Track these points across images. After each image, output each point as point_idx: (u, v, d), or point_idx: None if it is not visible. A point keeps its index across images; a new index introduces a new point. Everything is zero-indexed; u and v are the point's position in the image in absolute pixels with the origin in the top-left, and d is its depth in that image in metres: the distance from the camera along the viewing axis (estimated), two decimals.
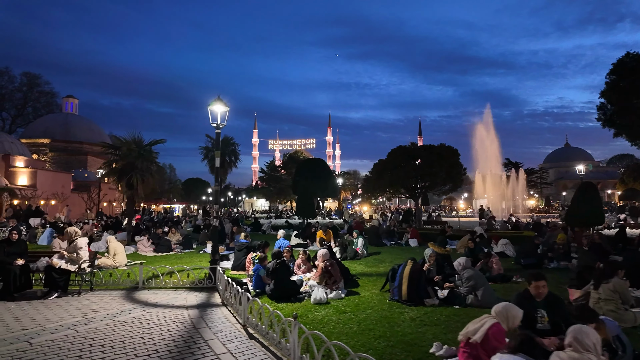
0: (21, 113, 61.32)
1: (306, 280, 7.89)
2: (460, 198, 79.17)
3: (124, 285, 8.18)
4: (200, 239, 15.75)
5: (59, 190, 35.62)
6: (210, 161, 28.80)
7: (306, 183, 20.81)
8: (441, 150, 23.92)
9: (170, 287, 8.18)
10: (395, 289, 6.86)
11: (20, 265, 7.40)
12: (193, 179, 71.21)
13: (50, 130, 51.62)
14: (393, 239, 15.59)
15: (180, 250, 13.53)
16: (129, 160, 14.61)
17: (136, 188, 14.41)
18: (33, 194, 33.02)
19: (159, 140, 15.38)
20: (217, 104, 8.98)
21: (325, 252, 7.78)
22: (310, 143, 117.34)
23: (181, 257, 12.46)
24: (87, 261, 7.86)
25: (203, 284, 8.21)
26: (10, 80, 58.67)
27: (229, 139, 30.50)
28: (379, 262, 11.10)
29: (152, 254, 12.97)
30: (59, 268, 7.42)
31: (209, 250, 13.29)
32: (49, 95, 63.53)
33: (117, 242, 10.73)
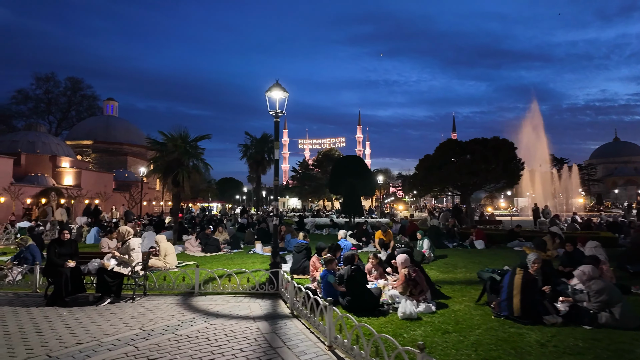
0: (66, 116, 64.03)
1: (383, 289, 6.82)
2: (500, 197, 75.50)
3: (179, 290, 7.42)
4: (246, 238, 15.02)
5: (102, 189, 36.45)
6: (250, 159, 28.28)
7: (352, 180, 19.72)
8: (496, 143, 22.11)
9: (229, 292, 7.34)
10: (503, 303, 5.64)
11: (71, 267, 6.78)
12: (227, 179, 71.99)
13: (93, 132, 53.42)
14: (454, 240, 14.21)
15: (229, 250, 12.82)
16: (174, 156, 14.11)
17: (182, 185, 13.87)
18: (78, 193, 33.89)
19: (204, 136, 14.80)
20: (276, 89, 8.07)
21: (406, 257, 6.67)
22: (340, 142, 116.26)
23: (231, 257, 11.71)
24: (140, 263, 7.15)
25: (264, 289, 7.32)
26: (55, 85, 61.38)
27: (267, 136, 29.80)
28: (452, 267, 9.83)
29: (201, 254, 12.32)
30: (111, 271, 6.74)
31: (258, 251, 12.54)
32: (91, 98, 66.03)
33: (167, 242, 10.08)
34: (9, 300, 6.80)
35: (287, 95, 8.18)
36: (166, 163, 14.33)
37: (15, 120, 57.40)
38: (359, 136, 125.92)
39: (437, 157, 23.47)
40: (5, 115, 57.41)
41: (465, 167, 22.01)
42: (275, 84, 8.09)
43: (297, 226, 18.91)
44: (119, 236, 7.15)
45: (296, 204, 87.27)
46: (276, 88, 8.06)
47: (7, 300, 6.80)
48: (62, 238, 7.10)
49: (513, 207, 68.75)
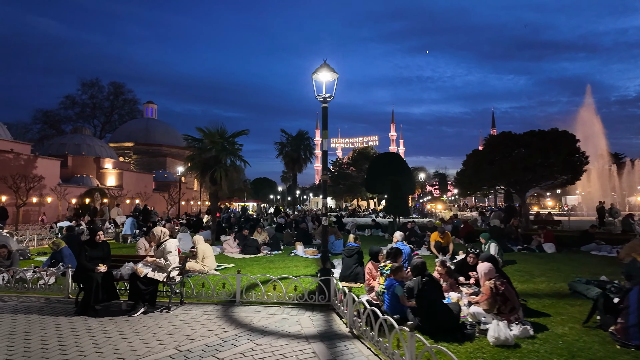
0: (109, 120, 66.75)
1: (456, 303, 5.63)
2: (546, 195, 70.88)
3: (219, 298, 6.60)
4: (285, 239, 14.17)
5: (142, 190, 37.21)
6: (286, 157, 27.62)
7: (397, 177, 18.46)
8: (556, 135, 19.98)
9: (274, 302, 6.43)
10: (632, 329, 4.31)
11: (102, 272, 6.11)
12: (261, 179, 72.44)
13: (134, 135, 55.16)
14: (518, 242, 12.62)
15: (269, 252, 11.99)
16: (212, 153, 13.55)
17: (220, 183, 13.25)
18: (120, 193, 34.71)
19: (242, 131, 14.11)
20: (323, 71, 7.06)
21: (490, 267, 5.44)
22: (372, 140, 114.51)
23: (272, 260, 10.85)
24: (176, 268, 6.38)
25: (314, 300, 6.34)
26: (99, 90, 64.13)
27: (303, 133, 29.04)
28: (528, 276, 8.42)
29: (240, 255, 11.58)
30: (144, 277, 6.00)
31: (300, 253, 11.64)
32: (132, 102, 68.47)
33: (205, 243, 9.36)
34: (39, 307, 6.24)
35: (336, 76, 7.16)
36: (203, 160, 13.76)
37: (63, 125, 60.48)
38: (393, 134, 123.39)
39: (488, 152, 21.62)
40: (55, 120, 60.59)
41: (520, 161, 20.04)
42: (323, 65, 7.08)
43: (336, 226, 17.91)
44: (154, 238, 6.41)
45: (330, 203, 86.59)
46: (324, 69, 7.06)
47: (38, 307, 6.24)
48: (96, 240, 6.44)
49: (561, 205, 64.22)
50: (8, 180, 20.89)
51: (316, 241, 14.56)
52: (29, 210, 25.99)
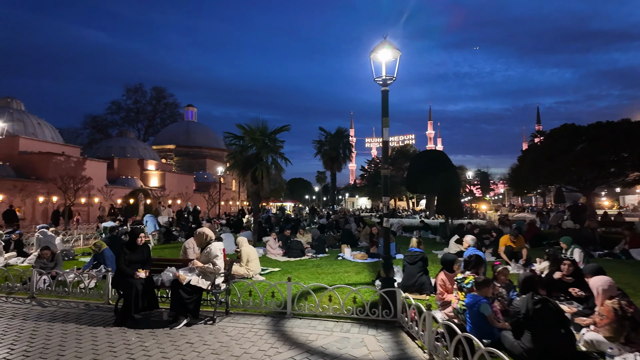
0: (152, 123, 69.29)
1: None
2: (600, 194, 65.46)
3: (267, 309, 5.85)
4: (329, 241, 13.32)
5: (184, 190, 37.88)
6: (324, 156, 26.79)
7: (449, 175, 17.17)
8: (629, 126, 17.81)
9: (330, 315, 5.58)
10: None
11: (142, 278, 5.54)
12: (296, 179, 72.53)
13: (175, 137, 56.72)
14: (597, 247, 11.02)
15: (314, 255, 11.18)
16: (253, 151, 12.99)
17: (261, 182, 12.66)
18: (162, 194, 35.45)
19: (283, 127, 13.44)
20: (383, 49, 6.14)
21: (610, 282, 4.29)
22: (409, 139, 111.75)
23: (319, 264, 10.03)
24: (222, 274, 5.69)
25: (377, 315, 5.43)
26: (142, 95, 66.71)
27: (343, 130, 28.07)
28: (631, 289, 7.02)
29: (284, 258, 10.87)
30: (188, 285, 5.35)
31: (347, 257, 10.75)
32: (173, 106, 70.69)
33: (250, 245, 8.70)
34: (77, 315, 5.77)
35: (398, 55, 6.21)
36: (244, 159, 13.23)
37: (110, 129, 63.30)
38: (430, 132, 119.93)
39: (547, 147, 19.73)
40: (102, 125, 63.63)
41: (585, 156, 18.05)
42: (383, 42, 6.15)
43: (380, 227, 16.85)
44: (198, 240, 5.77)
45: (366, 203, 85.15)
46: (384, 47, 6.13)
47: (76, 315, 5.77)
48: (137, 242, 5.87)
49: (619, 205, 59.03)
50: (58, 181, 21.59)
51: (362, 243, 13.63)
52: (79, 210, 26.93)
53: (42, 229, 11.15)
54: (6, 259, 10.03)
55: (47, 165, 26.13)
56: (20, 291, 6.90)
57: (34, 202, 24.46)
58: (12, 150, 26.67)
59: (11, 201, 22.14)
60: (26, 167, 26.18)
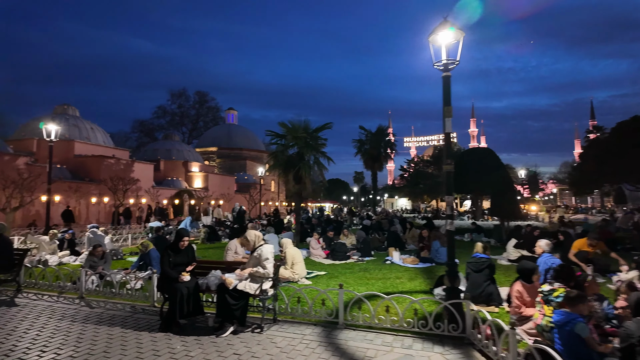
0: (195, 127, 71.77)
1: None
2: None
3: (317, 317, 5.38)
4: (374, 243, 12.67)
5: (225, 191, 38.66)
6: (364, 155, 26.03)
7: (503, 173, 15.95)
8: None
9: (387, 327, 5.01)
10: None
11: (187, 281, 5.26)
12: (334, 180, 72.11)
13: (217, 140, 58.26)
14: None
15: (360, 259, 10.60)
16: (295, 150, 12.67)
17: (304, 182, 12.30)
18: (205, 194, 36.33)
19: (325, 125, 12.99)
20: (443, 30, 5.49)
21: None
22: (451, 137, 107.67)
23: (366, 268, 9.44)
24: (270, 279, 5.29)
25: (442, 329, 4.79)
26: (186, 99, 69.34)
27: (384, 128, 27.18)
28: None
29: (328, 261, 10.39)
30: (234, 289, 5.00)
31: (396, 261, 10.07)
32: (215, 109, 72.87)
33: (294, 247, 8.31)
34: (123, 318, 5.60)
35: (461, 36, 5.53)
36: (286, 158, 12.92)
37: (156, 132, 66.26)
38: (473, 130, 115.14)
39: (614, 142, 17.83)
40: (149, 129, 66.76)
41: None
42: (443, 23, 5.50)
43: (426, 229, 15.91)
44: (247, 243, 5.43)
45: (405, 204, 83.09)
46: (444, 28, 5.48)
47: (122, 318, 5.61)
48: (180, 246, 5.58)
49: None
50: (108, 182, 22.55)
51: (409, 246, 12.87)
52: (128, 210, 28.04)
53: (93, 229, 11.44)
54: (60, 257, 10.35)
55: (99, 167, 27.48)
56: (70, 291, 6.92)
57: (87, 203, 25.76)
58: (68, 153, 28.30)
59: (67, 202, 23.43)
60: (80, 170, 27.68)
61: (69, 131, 30.71)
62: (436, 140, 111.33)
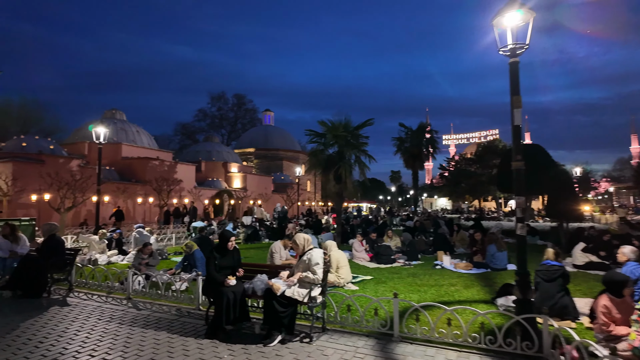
0: (234, 129, 73.58)
1: None
2: None
3: (370, 328, 4.97)
4: (419, 246, 12.02)
5: (263, 191, 39.09)
6: (404, 153, 25.14)
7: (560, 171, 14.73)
8: None
9: (449, 342, 4.52)
10: None
11: (233, 285, 5.03)
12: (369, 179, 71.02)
13: (254, 141, 59.24)
14: None
15: (407, 263, 10.03)
16: (335, 149, 12.32)
17: (345, 181, 11.91)
18: (244, 194, 36.90)
19: (366, 122, 12.51)
20: (510, 11, 4.90)
21: None
22: (492, 134, 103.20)
23: (415, 273, 8.88)
24: (320, 285, 4.96)
25: (514, 347, 4.23)
26: (225, 102, 71.29)
27: (425, 125, 26.16)
28: None
29: (373, 264, 9.93)
30: (282, 296, 4.71)
31: (447, 266, 9.43)
32: (252, 111, 74.38)
33: (339, 250, 7.94)
34: (169, 321, 5.48)
35: (531, 17, 4.91)
36: (326, 157, 12.59)
37: (197, 135, 68.60)
38: None
39: None
40: (191, 131, 69.26)
41: None
42: (511, 3, 4.91)
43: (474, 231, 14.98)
44: (296, 247, 5.12)
45: (445, 204, 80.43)
46: (512, 9, 4.88)
47: (168, 321, 5.49)
48: (227, 246, 5.37)
49: None
50: (153, 183, 23.33)
51: (459, 250, 12.11)
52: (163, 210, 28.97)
53: (139, 229, 11.69)
54: (109, 256, 10.63)
55: (145, 169, 28.56)
56: (118, 291, 6.96)
57: (133, 203, 26.84)
58: (116, 155, 29.67)
59: (116, 202, 24.50)
60: (127, 171, 28.92)
61: (117, 134, 32.20)
62: (477, 138, 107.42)
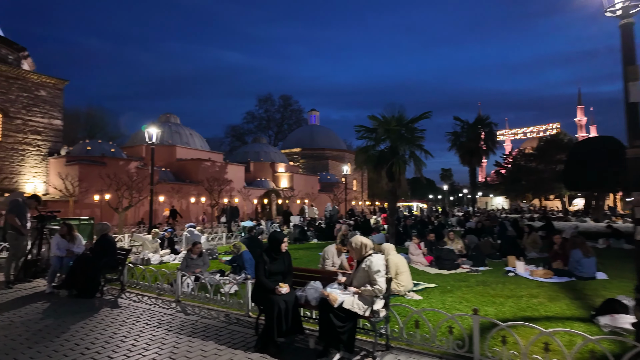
0: (280, 129, 74.79)
1: None
2: None
3: (442, 349, 4.20)
4: (485, 249, 10.85)
5: (310, 190, 38.95)
6: (460, 149, 23.45)
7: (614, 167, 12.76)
8: None
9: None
10: None
11: (285, 294, 4.51)
12: (416, 178, 68.52)
13: (300, 141, 59.57)
14: None
15: (473, 269, 9.00)
16: (387, 144, 11.52)
17: (398, 179, 11.09)
18: (291, 194, 36.95)
19: (423, 114, 11.57)
20: None
21: None
22: (553, 128, 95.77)
23: (485, 281, 7.86)
24: (383, 297, 4.29)
25: None
26: (272, 104, 72.74)
27: (484, 118, 24.28)
28: None
29: (434, 270, 9.02)
30: (340, 308, 4.10)
31: (522, 273, 8.31)
32: (298, 112, 75.24)
33: (397, 254, 7.19)
34: (217, 329, 5.09)
35: None
36: (378, 153, 11.82)
37: (246, 136, 70.54)
38: (580, 119, 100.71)
39: None
40: (240, 133, 71.41)
41: None
42: None
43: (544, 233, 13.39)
44: (353, 252, 4.49)
45: (502, 203, 75.81)
46: None
47: (216, 329, 5.10)
48: (281, 249, 4.86)
49: None
50: (205, 183, 23.87)
51: (530, 254, 10.79)
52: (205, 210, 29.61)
53: (190, 228, 11.70)
54: (161, 255, 10.69)
55: (197, 169, 29.46)
56: (167, 293, 6.76)
57: (187, 203, 27.73)
58: (171, 157, 30.90)
59: (171, 202, 25.41)
60: (181, 172, 29.99)
61: (172, 137, 33.56)
62: (535, 132, 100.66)
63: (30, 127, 25.11)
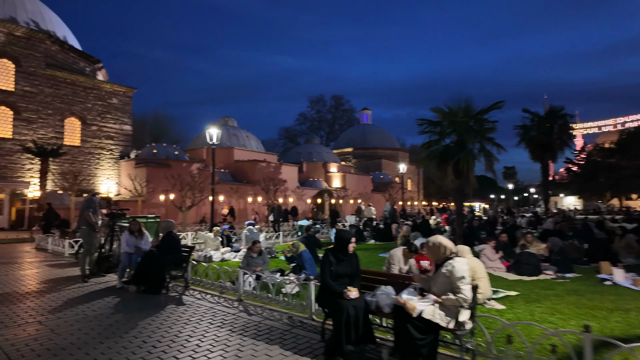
0: (332, 130, 74.85)
1: None
2: None
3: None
4: (569, 253, 9.59)
5: (362, 190, 38.28)
6: (530, 144, 21.40)
7: None
8: None
9: None
10: None
11: (354, 298, 4.11)
12: (478, 177, 64.77)
13: (352, 141, 59.06)
14: None
15: (559, 275, 7.95)
16: (453, 137, 10.68)
17: (466, 175, 10.22)
18: (344, 194, 36.57)
19: (495, 104, 10.54)
20: None
21: None
22: (633, 120, 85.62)
23: (576, 289, 6.84)
24: (468, 306, 3.73)
25: None
26: (323, 104, 73.10)
27: (557, 110, 22.07)
28: None
29: (512, 275, 8.11)
30: (419, 318, 3.60)
31: (620, 281, 7.16)
32: (349, 111, 74.81)
33: (474, 258, 6.48)
34: (282, 332, 4.81)
35: None
36: (442, 148, 11.01)
37: (299, 137, 71.52)
38: None
39: None
40: (293, 134, 72.68)
41: None
42: None
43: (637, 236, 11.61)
44: (431, 254, 3.98)
45: (574, 203, 69.38)
46: None
47: (280, 332, 4.83)
48: (349, 250, 4.48)
49: None
50: (261, 183, 24.28)
51: (626, 260, 9.37)
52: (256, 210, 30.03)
53: (249, 226, 11.75)
54: (222, 253, 10.82)
55: (253, 170, 30.15)
56: (229, 291, 6.68)
57: (244, 202, 28.46)
58: (229, 159, 31.94)
59: (229, 201, 26.22)
60: (239, 173, 30.88)
61: (230, 139, 34.72)
62: (612, 126, 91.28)
63: (104, 132, 27.32)
